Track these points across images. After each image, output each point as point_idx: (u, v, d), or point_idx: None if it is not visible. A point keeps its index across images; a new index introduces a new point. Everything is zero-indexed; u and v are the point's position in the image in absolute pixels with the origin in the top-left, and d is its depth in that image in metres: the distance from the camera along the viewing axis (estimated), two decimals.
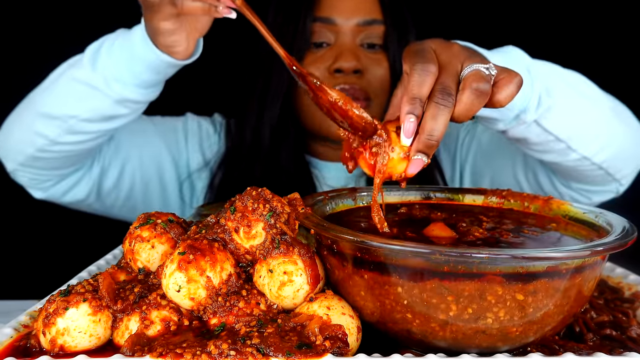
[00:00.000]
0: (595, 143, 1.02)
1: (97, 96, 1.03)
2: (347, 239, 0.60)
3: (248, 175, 1.33)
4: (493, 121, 0.95)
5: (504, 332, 0.58)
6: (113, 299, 0.65)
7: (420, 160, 0.66)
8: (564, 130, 0.97)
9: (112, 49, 1.01)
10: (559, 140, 0.99)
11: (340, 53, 1.26)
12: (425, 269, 0.56)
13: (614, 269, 0.92)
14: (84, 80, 1.03)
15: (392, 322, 0.61)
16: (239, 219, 0.67)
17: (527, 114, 0.92)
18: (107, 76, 1.01)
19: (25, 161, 1.16)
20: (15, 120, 1.17)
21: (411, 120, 0.65)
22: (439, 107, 0.66)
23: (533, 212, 0.79)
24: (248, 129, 1.34)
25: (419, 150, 0.66)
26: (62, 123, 1.08)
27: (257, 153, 1.33)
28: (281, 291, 0.64)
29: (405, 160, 0.67)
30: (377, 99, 1.31)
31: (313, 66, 1.28)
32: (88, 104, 1.05)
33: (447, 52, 0.71)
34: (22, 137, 1.14)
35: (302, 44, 1.27)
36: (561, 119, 0.96)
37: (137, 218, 0.76)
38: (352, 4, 1.29)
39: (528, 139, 0.99)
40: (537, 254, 0.55)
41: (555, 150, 1.01)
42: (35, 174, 1.21)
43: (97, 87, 1.02)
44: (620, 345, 0.68)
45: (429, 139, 0.65)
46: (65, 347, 0.62)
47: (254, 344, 0.58)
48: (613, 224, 0.67)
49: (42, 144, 1.11)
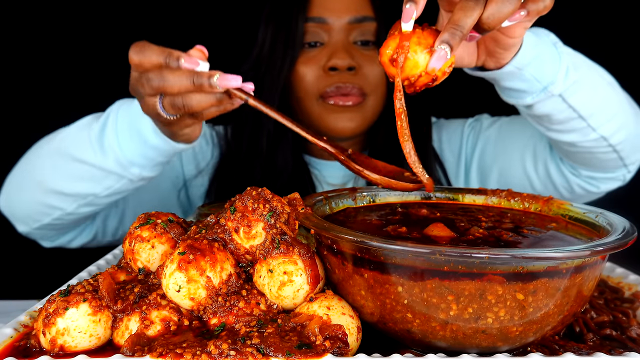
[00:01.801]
0: (612, 123, 1.05)
1: (113, 178, 1.04)
2: (347, 239, 0.60)
3: (247, 177, 1.33)
4: (521, 94, 0.97)
5: (504, 332, 0.58)
6: (113, 299, 0.65)
7: (443, 52, 0.66)
8: (587, 107, 1.00)
9: (118, 134, 1.00)
10: (581, 118, 1.02)
11: (334, 51, 1.28)
12: (425, 268, 0.56)
13: (614, 269, 0.92)
14: (97, 165, 1.03)
15: (392, 322, 0.61)
16: (239, 219, 0.67)
17: (555, 85, 0.95)
18: (121, 162, 1.01)
19: (41, 227, 1.19)
20: (21, 191, 1.16)
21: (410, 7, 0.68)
22: (469, 1, 0.67)
23: (533, 212, 0.79)
24: (245, 133, 1.35)
25: (443, 41, 0.66)
26: (80, 199, 1.09)
27: (255, 156, 1.34)
28: (281, 291, 0.64)
29: (427, 55, 0.67)
30: (372, 95, 1.32)
31: (307, 65, 1.29)
32: (105, 184, 1.06)
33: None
34: (34, 210, 1.15)
35: (296, 44, 1.28)
36: (585, 96, 0.99)
37: (137, 218, 0.76)
38: (343, 3, 1.30)
39: (551, 115, 1.01)
40: (537, 254, 0.55)
41: (576, 128, 1.04)
42: (47, 233, 1.24)
43: (112, 171, 1.02)
44: (620, 345, 0.68)
45: (454, 29, 0.66)
46: (65, 347, 0.62)
47: (254, 344, 0.58)
48: (613, 224, 0.67)
49: (59, 215, 1.14)
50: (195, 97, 0.82)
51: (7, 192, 1.20)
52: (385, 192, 0.84)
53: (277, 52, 1.29)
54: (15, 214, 1.21)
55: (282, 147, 1.36)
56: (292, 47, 1.28)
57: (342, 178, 1.42)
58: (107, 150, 1.01)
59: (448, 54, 0.67)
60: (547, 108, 0.99)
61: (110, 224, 1.31)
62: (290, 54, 1.28)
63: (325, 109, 1.30)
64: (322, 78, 1.29)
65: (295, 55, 1.29)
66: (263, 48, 1.32)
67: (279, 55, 1.29)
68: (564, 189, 1.26)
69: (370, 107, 1.32)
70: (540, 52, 0.92)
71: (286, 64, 1.29)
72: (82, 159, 1.04)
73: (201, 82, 0.80)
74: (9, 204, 1.21)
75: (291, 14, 1.29)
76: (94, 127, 1.03)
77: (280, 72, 1.29)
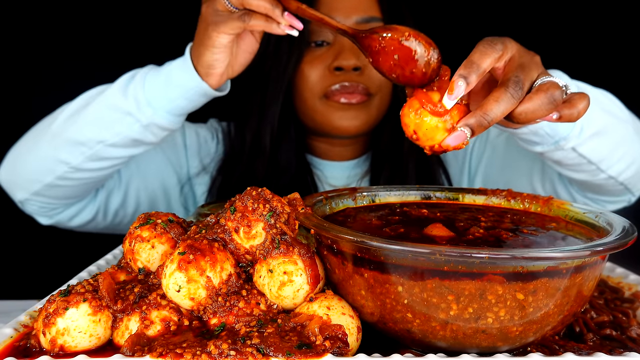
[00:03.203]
0: (621, 163, 1.06)
1: (127, 120, 1.05)
2: (347, 239, 0.60)
3: (249, 176, 1.33)
4: (532, 144, 0.98)
5: (504, 332, 0.58)
6: (113, 299, 0.65)
7: (463, 134, 0.64)
8: (597, 154, 1.02)
9: (146, 77, 1.04)
10: (591, 163, 1.03)
11: (340, 51, 1.27)
12: (425, 268, 0.56)
13: (614, 269, 0.92)
14: (115, 105, 1.05)
15: (392, 322, 0.61)
16: (239, 219, 0.67)
17: (568, 141, 0.96)
18: (139, 100, 1.03)
19: (41, 190, 1.18)
20: (31, 150, 1.17)
21: (459, 84, 0.64)
22: (506, 94, 0.64)
23: (533, 212, 0.79)
24: (249, 131, 1.34)
25: (467, 124, 0.64)
26: (87, 149, 1.09)
27: (258, 154, 1.34)
28: (281, 291, 0.64)
29: (446, 131, 0.65)
30: (378, 94, 1.31)
31: (313, 65, 1.28)
32: (116, 129, 1.06)
33: (528, 57, 0.70)
34: (40, 166, 1.15)
35: (302, 43, 1.27)
36: (595, 145, 1.00)
37: (137, 218, 0.77)
38: (350, 2, 1.29)
39: (562, 161, 1.03)
40: (537, 254, 0.55)
41: (586, 171, 1.06)
42: (45, 203, 1.22)
43: (129, 111, 1.04)
44: (620, 345, 0.68)
45: (482, 117, 0.64)
46: (65, 347, 0.62)
47: (254, 344, 0.58)
48: (613, 224, 0.67)
49: (63, 172, 1.12)
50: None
51: (12, 158, 1.21)
52: (385, 192, 0.85)
53: (282, 50, 1.28)
54: (15, 181, 1.21)
55: (286, 147, 1.35)
56: (298, 45, 1.27)
57: (346, 179, 1.41)
58: (130, 91, 1.04)
59: (468, 137, 0.65)
60: (558, 156, 1.01)
61: (113, 201, 1.30)
62: (296, 52, 1.27)
63: (330, 106, 1.29)
64: (327, 77, 1.28)
65: (301, 54, 1.29)
66: (268, 46, 1.31)
67: (284, 52, 1.28)
68: None
69: (375, 106, 1.32)
70: None
71: (291, 63, 1.28)
72: (105, 103, 1.06)
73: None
74: (11, 169, 1.21)
75: None
76: (125, 76, 1.07)
77: (285, 70, 1.28)
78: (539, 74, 0.69)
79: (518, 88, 0.65)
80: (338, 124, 1.30)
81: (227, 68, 0.99)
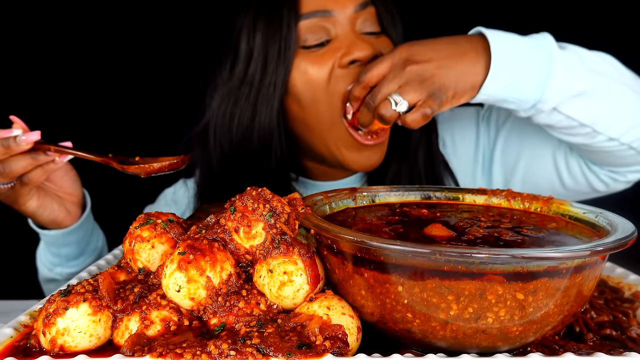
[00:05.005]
0: (621, 124, 1.03)
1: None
2: (347, 239, 0.60)
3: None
4: (513, 111, 1.00)
5: (504, 332, 0.58)
6: (113, 299, 0.65)
7: None
8: (587, 115, 1.00)
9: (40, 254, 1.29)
10: (583, 125, 1.01)
11: (351, 43, 1.09)
12: (425, 268, 0.56)
13: (614, 269, 0.92)
14: (42, 265, 1.30)
15: (392, 322, 0.61)
16: (239, 219, 0.67)
17: (545, 103, 0.96)
18: (46, 265, 1.27)
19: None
20: None
21: None
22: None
23: (533, 212, 0.79)
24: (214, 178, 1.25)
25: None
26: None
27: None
28: (281, 291, 0.64)
29: None
30: None
31: (318, 66, 1.10)
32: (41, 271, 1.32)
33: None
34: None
35: (293, 45, 1.11)
36: (582, 105, 0.98)
37: (137, 218, 0.76)
38: None
39: (553, 125, 1.02)
40: (537, 253, 0.55)
41: (581, 133, 1.04)
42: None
43: (52, 270, 1.27)
44: (620, 345, 0.68)
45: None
46: (65, 347, 0.62)
47: (254, 344, 0.58)
48: (613, 224, 0.67)
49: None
50: (13, 160, 0.97)
51: None
52: (385, 192, 0.85)
53: (270, 59, 1.11)
54: None
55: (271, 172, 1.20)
56: (288, 48, 1.10)
57: None
58: (41, 259, 1.29)
59: None
60: (544, 120, 1.00)
61: None
62: (289, 57, 1.10)
63: (348, 142, 1.13)
64: (340, 77, 1.09)
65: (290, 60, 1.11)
66: (250, 61, 1.14)
67: (272, 60, 1.11)
68: (594, 181, 1.21)
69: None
70: (518, 77, 0.94)
71: (286, 72, 1.12)
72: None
73: (8, 143, 0.95)
74: None
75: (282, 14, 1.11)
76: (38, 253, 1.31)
77: (283, 80, 1.12)
78: None
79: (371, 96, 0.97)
80: (356, 162, 1.15)
81: (56, 204, 1.12)
